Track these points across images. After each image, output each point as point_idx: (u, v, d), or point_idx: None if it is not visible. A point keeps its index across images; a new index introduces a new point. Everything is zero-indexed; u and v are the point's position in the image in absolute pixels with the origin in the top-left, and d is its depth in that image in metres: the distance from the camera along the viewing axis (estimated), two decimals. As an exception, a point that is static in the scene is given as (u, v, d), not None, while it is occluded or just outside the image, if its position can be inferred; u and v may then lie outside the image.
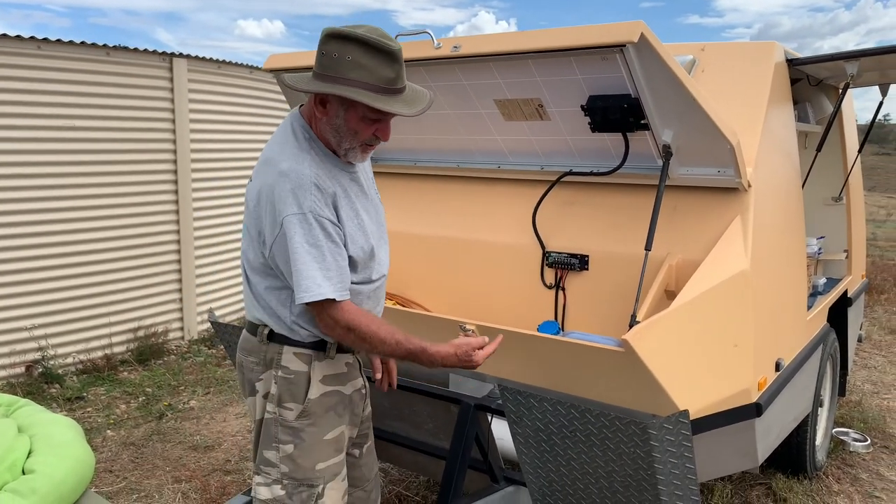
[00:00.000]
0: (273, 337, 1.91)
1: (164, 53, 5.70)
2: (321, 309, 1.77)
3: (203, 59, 6.04)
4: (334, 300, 1.75)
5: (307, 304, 1.75)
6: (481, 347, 1.89)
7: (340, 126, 1.80)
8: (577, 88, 2.38)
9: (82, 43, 5.16)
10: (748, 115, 2.67)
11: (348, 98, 1.73)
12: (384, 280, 2.02)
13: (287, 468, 1.88)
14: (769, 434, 2.76)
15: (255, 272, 1.89)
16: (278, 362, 1.90)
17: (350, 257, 1.84)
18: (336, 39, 1.72)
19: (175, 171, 5.90)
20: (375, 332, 1.80)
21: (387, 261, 2.02)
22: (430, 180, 3.25)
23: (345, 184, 1.86)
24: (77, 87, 5.16)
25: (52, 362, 5.10)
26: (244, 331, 2.01)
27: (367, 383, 2.13)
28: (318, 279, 1.73)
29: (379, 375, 2.18)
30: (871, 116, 4.15)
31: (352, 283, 1.86)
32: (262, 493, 1.90)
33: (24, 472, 1.56)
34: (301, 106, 1.94)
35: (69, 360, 5.28)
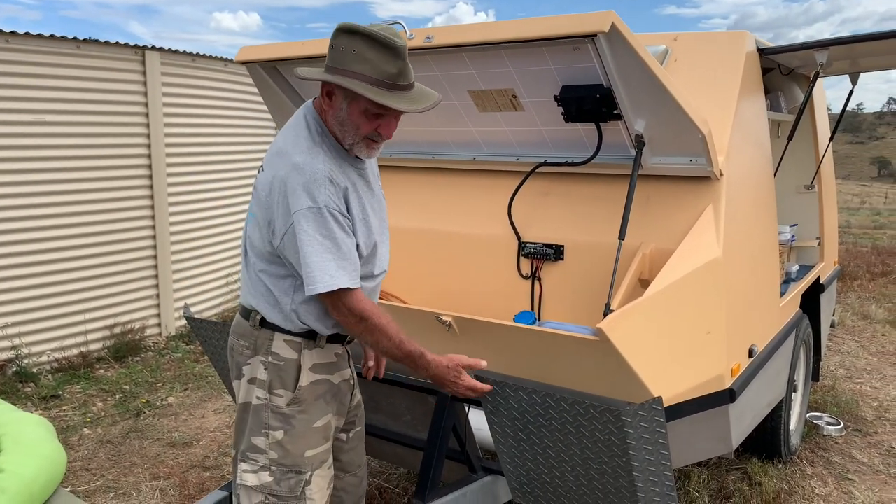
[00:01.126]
0: (265, 324, 1.94)
1: (136, 47, 5.62)
2: (336, 299, 1.79)
3: (176, 52, 5.97)
4: (349, 289, 1.78)
5: (321, 295, 1.77)
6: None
7: (344, 119, 1.82)
8: (550, 79, 2.38)
9: (51, 36, 5.07)
10: (720, 104, 2.70)
11: (350, 90, 1.75)
12: (383, 277, 2.05)
13: (276, 454, 1.90)
14: (743, 419, 2.79)
15: (259, 257, 1.92)
16: (268, 349, 1.93)
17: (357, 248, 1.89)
18: (345, 34, 1.77)
19: (149, 166, 5.83)
20: (385, 327, 1.84)
21: (387, 257, 2.04)
22: (405, 172, 3.24)
23: (353, 178, 1.88)
24: (47, 82, 5.07)
25: (26, 361, 5.03)
26: (237, 314, 2.04)
27: (355, 374, 2.17)
28: (331, 270, 1.75)
29: (371, 363, 2.23)
30: (843, 105, 4.20)
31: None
32: (250, 479, 1.91)
33: (-7, 472, 1.54)
34: (315, 99, 1.95)
35: (44, 358, 5.21)
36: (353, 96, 1.77)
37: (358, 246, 1.86)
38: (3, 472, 1.52)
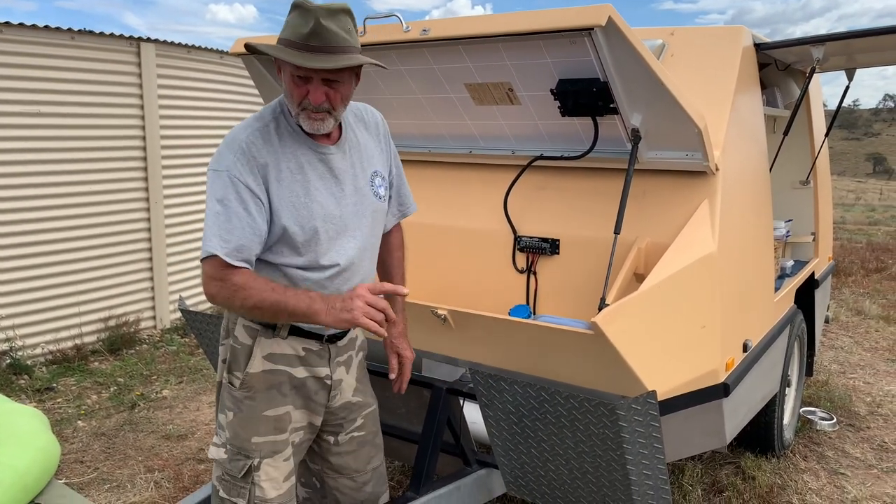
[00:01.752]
0: None
1: (131, 38, 5.59)
2: (210, 268, 1.73)
3: (172, 43, 5.94)
4: (217, 257, 1.71)
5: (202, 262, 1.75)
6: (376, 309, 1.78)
7: (286, 91, 1.80)
8: (546, 72, 2.38)
9: (46, 27, 5.04)
10: (716, 98, 2.70)
11: (269, 55, 1.74)
12: (343, 273, 1.92)
13: (229, 434, 1.92)
14: (737, 414, 2.80)
15: None
16: (232, 331, 1.95)
17: (284, 232, 1.80)
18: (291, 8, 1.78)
19: (144, 158, 5.81)
20: (247, 287, 1.73)
21: (349, 253, 1.92)
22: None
23: (305, 160, 1.84)
24: (42, 73, 5.04)
25: (20, 353, 5.02)
26: None
27: (345, 378, 2.06)
28: (211, 237, 1.72)
29: (393, 376, 2.17)
30: (839, 102, 4.21)
31: (295, 266, 1.85)
32: (212, 452, 1.96)
33: (-13, 463, 1.54)
34: None
35: (38, 350, 5.20)
36: (281, 65, 1.77)
37: (286, 225, 1.79)
38: (-4, 463, 1.53)
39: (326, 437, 2.09)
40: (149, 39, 5.72)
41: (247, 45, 1.77)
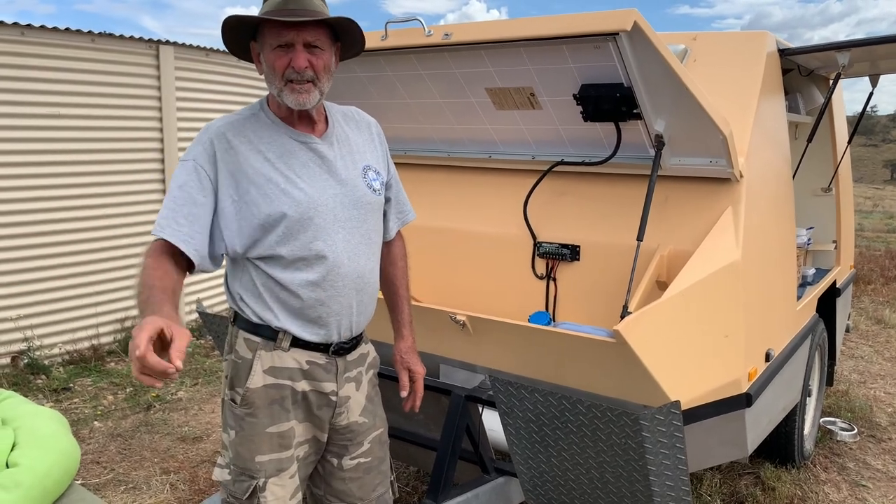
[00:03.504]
0: (235, 320, 1.90)
1: (150, 40, 5.63)
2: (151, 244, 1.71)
3: (190, 46, 5.97)
4: (163, 243, 1.69)
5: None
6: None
7: (267, 71, 1.78)
8: (569, 77, 2.36)
9: (67, 29, 5.08)
10: (740, 105, 2.66)
11: (252, 24, 1.74)
12: (335, 270, 1.82)
13: (232, 454, 1.86)
14: (759, 424, 2.76)
15: None
16: (234, 346, 1.88)
17: (264, 221, 1.75)
18: None
19: (162, 160, 5.84)
20: (142, 271, 1.65)
21: (337, 245, 1.82)
22: (419, 170, 3.22)
23: (287, 148, 1.81)
24: (62, 75, 5.08)
25: (37, 353, 5.05)
26: None
27: (354, 396, 1.96)
28: (162, 220, 1.70)
29: (405, 393, 2.11)
30: (858, 108, 4.17)
31: (282, 265, 1.78)
32: (216, 474, 1.90)
33: (7, 466, 1.53)
34: None
35: (55, 350, 5.23)
36: (262, 37, 1.76)
37: (264, 210, 1.75)
38: (17, 466, 1.52)
39: (330, 458, 1.99)
40: (167, 42, 5.75)
41: (227, 20, 1.76)
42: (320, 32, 1.77)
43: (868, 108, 4.32)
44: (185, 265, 1.75)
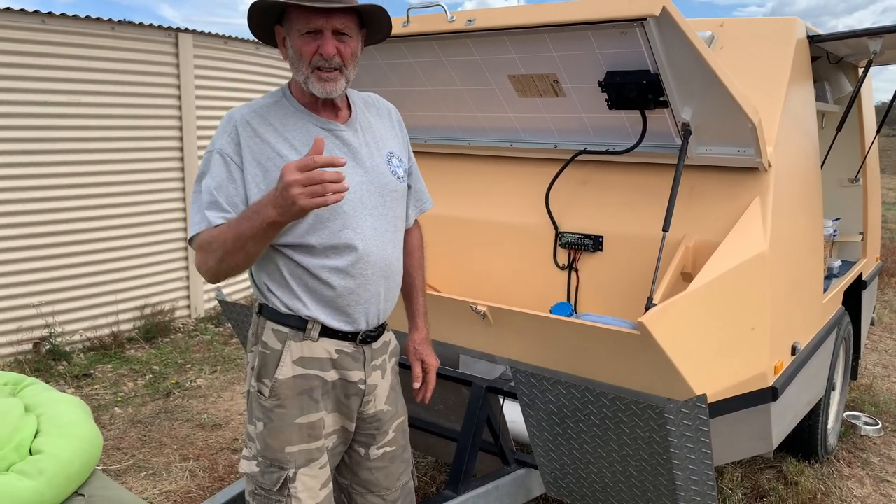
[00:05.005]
0: (261, 310, 1.88)
1: (169, 28, 5.63)
2: (195, 244, 1.72)
3: (209, 34, 5.97)
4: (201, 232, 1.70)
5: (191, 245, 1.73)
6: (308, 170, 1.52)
7: (293, 57, 1.75)
8: (594, 64, 2.31)
9: (87, 17, 5.09)
10: (769, 93, 2.60)
11: (276, 6, 1.71)
12: (365, 258, 1.81)
13: (260, 446, 1.84)
14: (784, 418, 2.72)
15: None
16: (260, 337, 1.87)
17: None
18: None
19: (181, 148, 5.85)
20: (217, 237, 1.65)
21: (366, 233, 1.81)
22: (440, 158, 3.19)
23: (311, 136, 1.78)
24: (82, 63, 5.10)
25: (59, 339, 5.10)
26: None
27: (380, 384, 1.96)
28: (196, 215, 1.70)
29: (417, 385, 2.09)
30: (883, 97, 4.07)
31: (311, 253, 1.77)
32: (243, 466, 1.88)
33: (31, 453, 1.53)
34: None
35: (76, 337, 5.28)
36: (289, 25, 1.73)
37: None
38: (41, 453, 1.52)
39: (357, 448, 1.99)
40: (186, 30, 5.75)
41: (256, 3, 1.73)
42: (350, 20, 1.74)
43: (891, 98, 4.22)
44: None
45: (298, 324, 1.82)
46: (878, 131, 4.16)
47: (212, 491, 3.38)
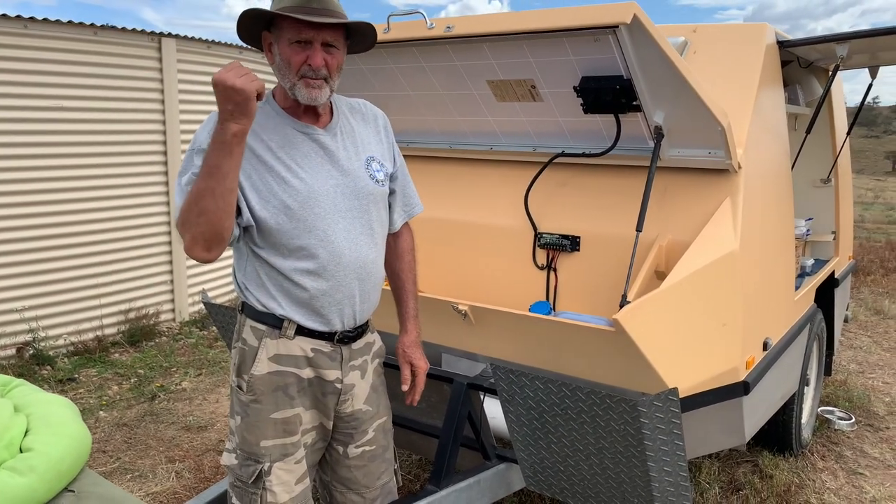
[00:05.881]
0: (243, 308, 1.94)
1: (152, 33, 5.65)
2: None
3: (192, 39, 5.99)
4: None
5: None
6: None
7: (280, 64, 1.81)
8: (569, 69, 2.38)
9: (69, 22, 5.10)
10: (739, 96, 2.69)
11: (269, 18, 1.76)
12: (338, 259, 1.85)
13: (238, 439, 1.90)
14: (756, 412, 2.80)
15: None
16: (241, 333, 1.92)
17: (265, 211, 1.78)
18: None
19: (165, 153, 5.87)
20: (191, 191, 1.67)
21: (338, 235, 1.85)
22: (422, 161, 3.25)
23: (290, 139, 1.83)
24: (64, 68, 5.11)
25: (42, 344, 5.10)
26: None
27: (358, 384, 2.00)
28: (177, 202, 1.74)
29: (406, 387, 2.13)
30: (859, 99, 4.19)
31: (283, 255, 1.82)
32: (224, 458, 1.95)
33: (21, 451, 1.57)
34: None
35: (60, 341, 5.28)
36: (278, 33, 1.78)
37: (267, 204, 1.78)
38: (32, 451, 1.56)
39: (336, 446, 2.04)
40: (169, 35, 5.77)
41: (246, 11, 1.79)
42: (339, 33, 1.81)
43: (870, 100, 4.34)
44: None
45: (275, 322, 1.87)
46: (848, 133, 4.27)
47: (198, 492, 3.41)
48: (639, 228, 2.35)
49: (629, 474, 2.10)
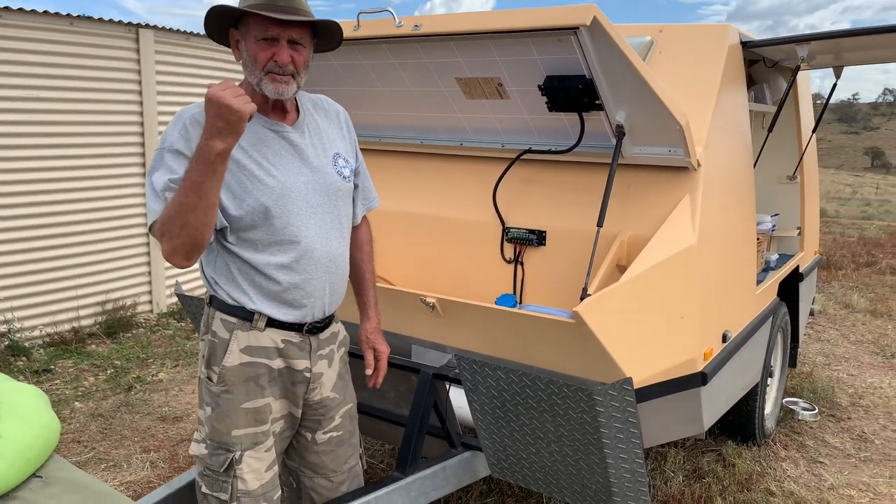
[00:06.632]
0: (211, 301, 1.97)
1: (129, 24, 5.63)
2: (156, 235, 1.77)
3: (170, 30, 5.98)
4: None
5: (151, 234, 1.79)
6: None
7: (247, 60, 1.84)
8: (534, 68, 2.44)
9: (45, 12, 5.08)
10: (700, 95, 2.77)
11: (236, 15, 1.79)
12: (309, 254, 1.90)
13: (208, 429, 1.94)
14: (716, 402, 2.89)
15: None
16: (210, 326, 1.96)
17: (237, 208, 1.81)
18: None
19: (142, 144, 5.87)
20: (172, 203, 1.70)
21: (310, 230, 1.91)
22: (393, 156, 3.31)
23: (261, 136, 1.87)
24: (41, 58, 5.09)
25: (18, 335, 5.10)
26: None
27: (326, 372, 2.07)
28: (154, 207, 1.76)
29: (370, 371, 2.20)
30: (840, 95, 4.28)
31: (255, 249, 1.86)
32: (194, 448, 1.99)
33: (-10, 438, 1.61)
34: None
35: (36, 332, 5.28)
36: (245, 29, 1.81)
37: (239, 203, 1.82)
38: (1, 438, 1.60)
39: (305, 433, 2.10)
40: (147, 26, 5.76)
41: (216, 9, 1.82)
42: (305, 31, 1.85)
43: (850, 96, 4.51)
44: None
45: (245, 315, 1.92)
46: (814, 130, 4.38)
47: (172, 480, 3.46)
48: (600, 224, 2.42)
49: (587, 461, 2.18)
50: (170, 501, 2.33)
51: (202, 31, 6.30)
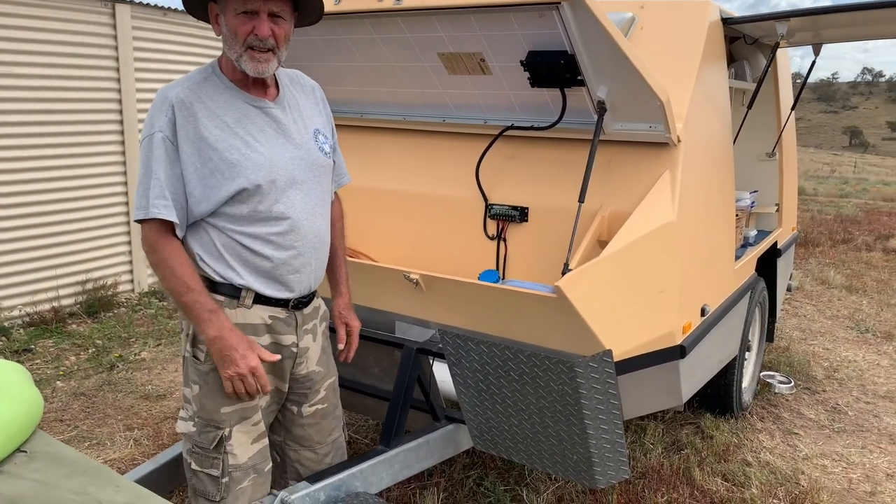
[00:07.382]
0: None
1: (105, -1, 5.54)
2: (146, 230, 1.82)
3: (147, 5, 5.88)
4: (157, 226, 1.81)
5: (140, 225, 1.83)
6: (253, 374, 1.85)
7: (227, 35, 1.82)
8: (517, 44, 2.44)
9: (18, -14, 4.97)
10: (681, 72, 2.78)
11: None
12: (296, 229, 1.92)
13: (196, 407, 1.95)
14: (694, 374, 2.95)
15: None
16: None
17: (228, 182, 1.82)
18: None
19: (121, 122, 5.79)
20: (169, 263, 1.81)
21: (297, 206, 1.92)
22: (376, 133, 3.30)
23: (244, 113, 1.86)
24: (14, 33, 4.99)
25: (-3, 315, 5.05)
26: None
27: (311, 347, 2.09)
28: (143, 198, 1.80)
29: (342, 346, 2.22)
30: (823, 74, 4.32)
31: (243, 224, 1.86)
32: (180, 426, 2.00)
33: (-28, 415, 1.61)
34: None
35: (15, 312, 5.23)
36: (224, 0, 1.80)
37: (228, 181, 1.83)
38: (-18, 413, 1.60)
39: (290, 406, 2.12)
40: (124, 1, 5.66)
41: None
42: (286, 4, 1.83)
43: (829, 76, 4.54)
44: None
45: (232, 292, 1.92)
46: (792, 108, 4.42)
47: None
48: (581, 199, 2.44)
49: (568, 432, 2.22)
50: (155, 476, 2.35)
51: (181, 7, 6.21)
